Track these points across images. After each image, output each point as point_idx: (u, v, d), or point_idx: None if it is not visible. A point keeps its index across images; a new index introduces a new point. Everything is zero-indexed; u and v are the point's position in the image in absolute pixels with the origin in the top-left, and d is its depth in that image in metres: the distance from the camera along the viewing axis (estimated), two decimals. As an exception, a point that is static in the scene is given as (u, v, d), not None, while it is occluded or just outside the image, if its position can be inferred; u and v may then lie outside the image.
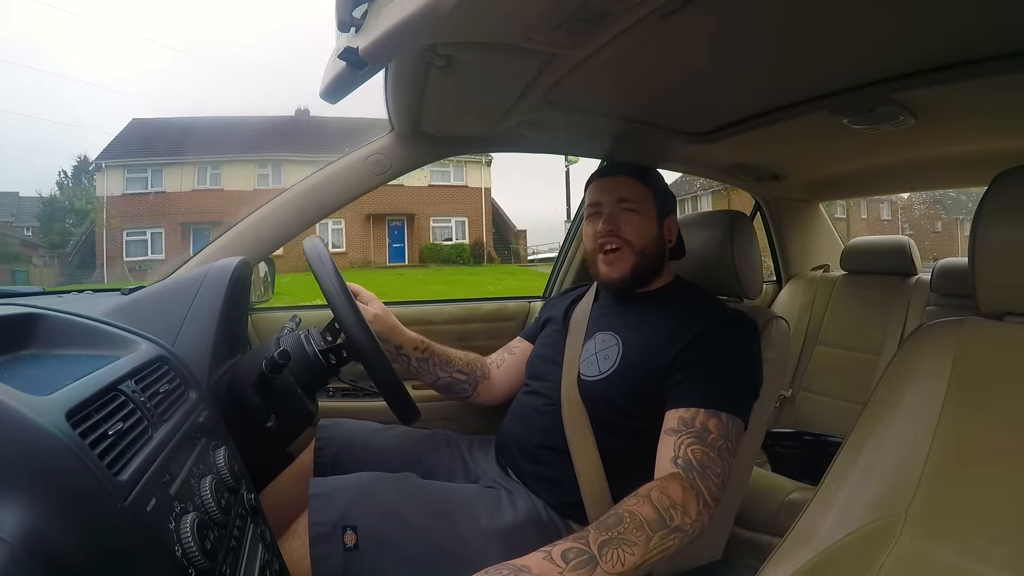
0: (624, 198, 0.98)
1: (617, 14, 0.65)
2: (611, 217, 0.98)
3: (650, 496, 0.70)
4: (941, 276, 1.63)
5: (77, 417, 0.45)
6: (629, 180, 1.00)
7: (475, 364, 1.13)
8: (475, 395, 1.12)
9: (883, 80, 0.91)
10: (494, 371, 1.15)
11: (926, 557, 0.52)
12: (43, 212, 17.93)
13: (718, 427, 0.78)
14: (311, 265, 0.89)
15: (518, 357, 1.14)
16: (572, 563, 0.62)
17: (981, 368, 0.59)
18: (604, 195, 1.00)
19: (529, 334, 1.17)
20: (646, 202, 0.99)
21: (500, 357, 1.17)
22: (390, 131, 1.18)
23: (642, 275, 0.99)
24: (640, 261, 0.97)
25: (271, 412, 0.84)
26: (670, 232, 1.02)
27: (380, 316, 1.02)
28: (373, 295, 1.05)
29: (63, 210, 18.08)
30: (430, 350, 1.08)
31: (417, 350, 1.07)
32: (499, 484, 0.93)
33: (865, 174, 1.66)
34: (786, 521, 0.79)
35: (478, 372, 1.12)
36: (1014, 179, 0.59)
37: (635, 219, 0.97)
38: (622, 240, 0.97)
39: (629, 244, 0.97)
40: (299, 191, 1.16)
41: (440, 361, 1.09)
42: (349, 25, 0.62)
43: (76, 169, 18.99)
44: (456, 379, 1.10)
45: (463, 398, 1.12)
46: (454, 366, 1.10)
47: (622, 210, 0.98)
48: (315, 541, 0.75)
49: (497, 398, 1.15)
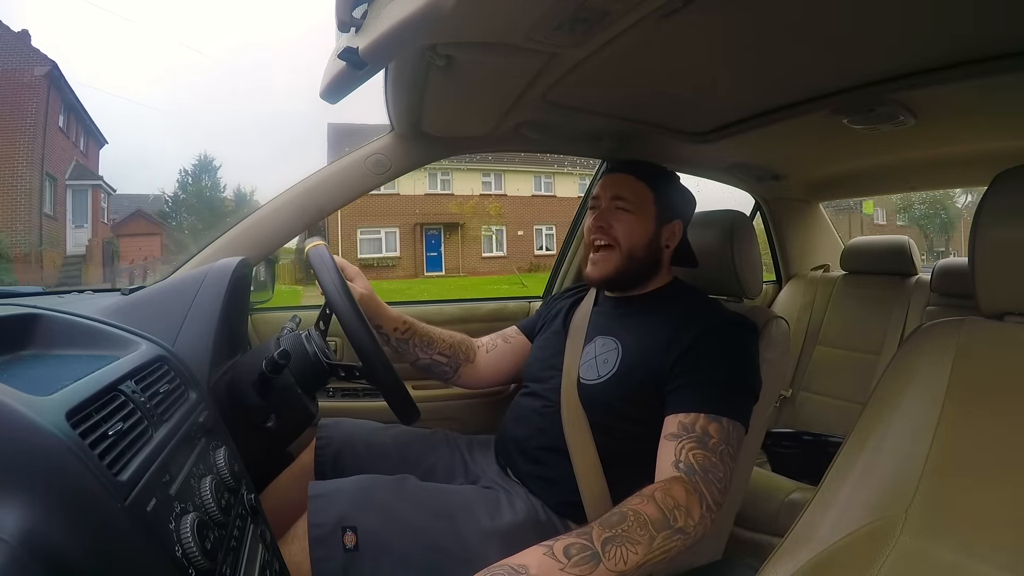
0: (620, 196, 0.97)
1: (617, 14, 0.65)
2: (604, 214, 0.97)
3: (654, 496, 0.70)
4: (941, 276, 1.63)
5: (77, 417, 0.45)
6: (631, 179, 0.98)
7: (459, 347, 1.12)
8: (456, 378, 1.11)
9: (883, 80, 0.91)
10: (481, 355, 1.14)
11: (926, 557, 0.52)
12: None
13: (719, 432, 0.78)
14: (311, 263, 0.89)
15: (512, 347, 1.14)
16: (574, 559, 0.62)
17: (981, 368, 0.59)
18: (604, 191, 0.99)
19: (526, 326, 1.16)
20: (644, 203, 0.97)
21: (492, 342, 1.16)
22: (390, 131, 1.18)
23: (628, 277, 0.97)
24: (626, 263, 0.96)
25: (271, 412, 0.84)
26: (671, 237, 0.99)
27: (364, 295, 1.01)
28: (358, 270, 1.03)
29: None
30: (412, 330, 1.07)
31: (397, 330, 1.06)
32: (498, 484, 0.93)
33: (865, 174, 1.66)
34: (786, 521, 0.79)
35: (461, 355, 1.11)
36: (1014, 179, 0.59)
37: (628, 218, 0.96)
38: (610, 238, 0.96)
39: (617, 243, 0.95)
40: (299, 191, 1.16)
41: (421, 342, 1.08)
42: (349, 25, 0.62)
43: (196, 168, 18.81)
44: (436, 361, 1.09)
45: (444, 380, 1.12)
46: (435, 348, 1.09)
47: (616, 208, 0.97)
48: (315, 542, 0.75)
49: (480, 383, 1.15)
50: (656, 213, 0.97)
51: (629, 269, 0.96)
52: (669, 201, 0.99)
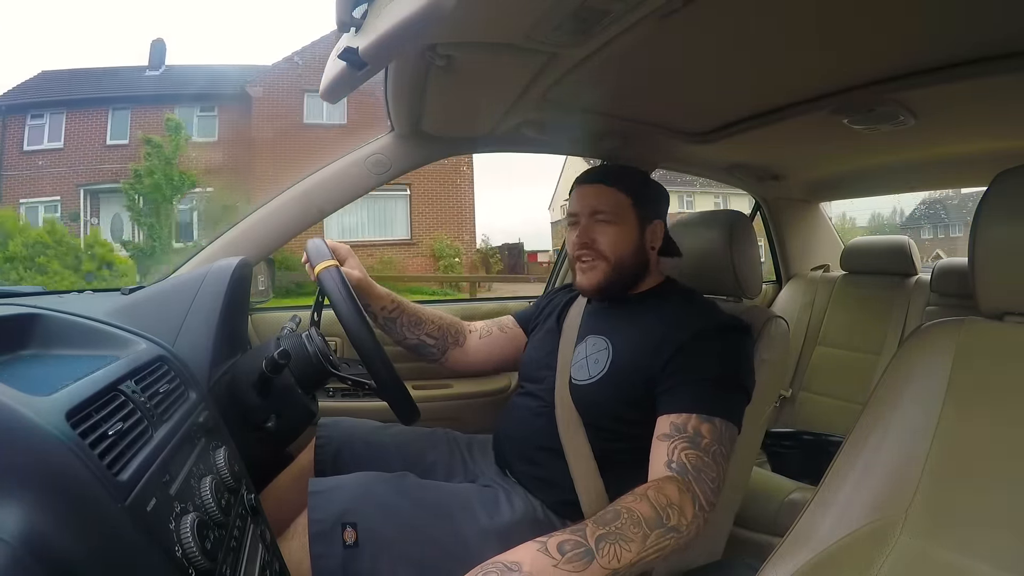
0: (598, 209, 0.95)
1: (617, 14, 0.65)
2: (586, 230, 0.95)
3: (647, 495, 0.70)
4: (941, 276, 1.63)
5: (77, 417, 0.45)
6: (605, 188, 0.96)
7: (448, 329, 1.11)
8: (443, 359, 1.11)
9: (883, 80, 0.91)
10: (473, 340, 1.14)
11: (926, 557, 0.52)
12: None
13: (711, 432, 0.78)
14: (319, 277, 0.89)
15: (506, 336, 1.14)
16: (568, 555, 0.62)
17: (981, 368, 0.59)
18: (580, 205, 0.97)
19: (522, 318, 1.15)
20: (622, 211, 0.95)
21: (487, 328, 1.15)
22: (390, 131, 1.18)
23: (618, 284, 0.96)
24: (615, 273, 0.95)
25: (271, 412, 0.84)
26: (654, 237, 0.98)
27: (359, 277, 1.00)
28: (349, 249, 1.02)
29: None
30: (400, 309, 1.07)
31: (385, 309, 1.06)
32: (497, 483, 0.93)
33: (865, 174, 1.66)
34: (786, 521, 0.79)
35: (450, 338, 1.11)
36: (1014, 179, 0.59)
37: (610, 230, 0.94)
38: (596, 253, 0.94)
39: (604, 257, 0.94)
40: (299, 191, 1.16)
41: (409, 322, 1.07)
42: (349, 25, 0.62)
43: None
44: (424, 341, 1.09)
45: (431, 361, 1.11)
46: (423, 328, 1.09)
47: (596, 222, 0.95)
48: (315, 539, 0.75)
49: (468, 367, 1.14)
50: (637, 218, 0.96)
51: (619, 278, 0.96)
52: (646, 202, 0.98)
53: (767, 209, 1.98)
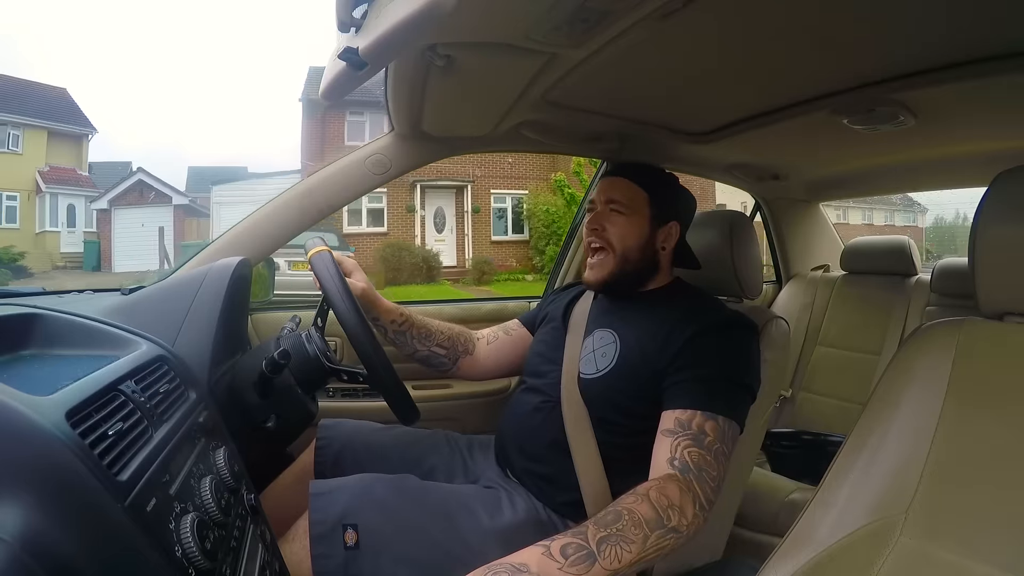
0: (613, 199, 0.97)
1: (617, 14, 0.65)
2: (598, 216, 0.98)
3: (648, 495, 0.70)
4: (941, 276, 1.63)
5: (77, 417, 0.45)
6: (625, 182, 0.98)
7: (458, 339, 1.12)
8: (455, 369, 1.11)
9: (883, 80, 0.91)
10: (481, 347, 1.14)
11: (926, 557, 0.52)
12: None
13: (715, 430, 0.78)
14: (311, 262, 0.89)
15: (513, 339, 1.14)
16: (571, 558, 0.62)
17: (981, 368, 0.58)
18: (599, 194, 1.00)
19: (527, 319, 1.16)
20: (638, 205, 0.97)
21: (494, 334, 1.16)
22: (390, 131, 1.18)
23: (624, 280, 0.97)
24: (621, 265, 0.96)
25: (271, 412, 0.84)
26: (666, 239, 0.99)
27: (364, 289, 1.00)
28: (355, 264, 1.02)
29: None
30: (409, 322, 1.07)
31: (395, 322, 1.06)
32: (498, 484, 0.93)
33: (865, 174, 1.66)
34: (786, 521, 0.79)
35: (460, 347, 1.11)
36: (1014, 179, 0.59)
37: (620, 220, 0.96)
38: (604, 240, 0.96)
39: (611, 246, 0.96)
40: (299, 191, 1.16)
41: (419, 334, 1.08)
42: (349, 25, 0.62)
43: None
44: (435, 352, 1.09)
45: (442, 371, 1.12)
46: (434, 339, 1.09)
47: (610, 211, 0.97)
48: (316, 540, 0.75)
49: (480, 374, 1.14)
50: (650, 215, 0.97)
51: (625, 272, 0.96)
52: (664, 203, 0.99)
53: (767, 209, 1.98)
